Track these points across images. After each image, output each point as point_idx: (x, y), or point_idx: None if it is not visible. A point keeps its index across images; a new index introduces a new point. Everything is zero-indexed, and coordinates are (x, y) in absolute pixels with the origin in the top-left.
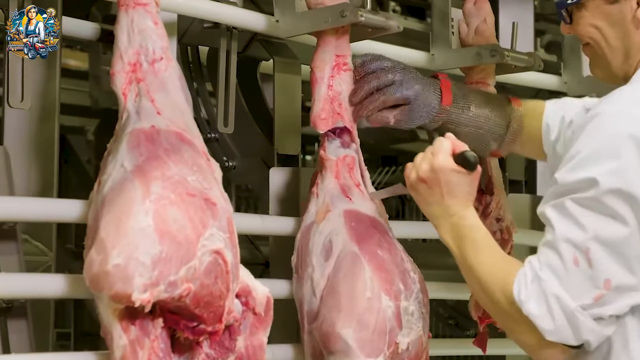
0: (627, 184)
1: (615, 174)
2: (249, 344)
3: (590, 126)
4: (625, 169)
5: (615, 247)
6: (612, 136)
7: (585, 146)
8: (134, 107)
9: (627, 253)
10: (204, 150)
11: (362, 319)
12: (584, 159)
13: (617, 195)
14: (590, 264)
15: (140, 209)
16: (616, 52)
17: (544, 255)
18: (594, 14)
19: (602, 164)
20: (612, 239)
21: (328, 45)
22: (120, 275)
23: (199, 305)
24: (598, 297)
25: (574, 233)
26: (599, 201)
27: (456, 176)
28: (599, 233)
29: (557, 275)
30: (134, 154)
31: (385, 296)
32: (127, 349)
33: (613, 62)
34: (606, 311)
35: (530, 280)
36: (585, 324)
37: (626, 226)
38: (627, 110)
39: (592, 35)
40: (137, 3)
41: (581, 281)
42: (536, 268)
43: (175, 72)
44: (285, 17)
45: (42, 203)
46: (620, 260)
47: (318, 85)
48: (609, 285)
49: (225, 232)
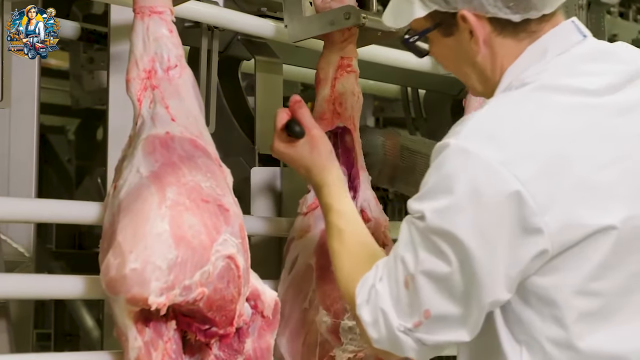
0: (451, 224)
1: (442, 213)
2: (257, 346)
3: (437, 160)
4: (451, 209)
5: (438, 281)
6: (448, 175)
7: (428, 178)
8: (148, 114)
9: (450, 289)
10: (216, 156)
11: (293, 329)
12: (425, 192)
13: (440, 234)
14: (415, 291)
15: (157, 214)
16: (472, 78)
17: (386, 265)
18: (440, 48)
19: (433, 200)
20: (435, 273)
21: (333, 47)
22: (137, 279)
23: (211, 308)
24: (417, 324)
25: (408, 257)
26: (426, 236)
27: (292, 149)
28: (425, 266)
29: (390, 291)
30: (150, 160)
31: (324, 311)
32: (142, 350)
33: (475, 87)
34: (425, 339)
35: (369, 287)
36: (407, 343)
37: (449, 265)
38: (466, 148)
39: (447, 66)
40: (152, 11)
41: (407, 304)
42: (377, 277)
43: (189, 80)
44: (293, 22)
45: (22, 203)
46: (443, 294)
47: (321, 87)
48: (428, 315)
49: (237, 238)
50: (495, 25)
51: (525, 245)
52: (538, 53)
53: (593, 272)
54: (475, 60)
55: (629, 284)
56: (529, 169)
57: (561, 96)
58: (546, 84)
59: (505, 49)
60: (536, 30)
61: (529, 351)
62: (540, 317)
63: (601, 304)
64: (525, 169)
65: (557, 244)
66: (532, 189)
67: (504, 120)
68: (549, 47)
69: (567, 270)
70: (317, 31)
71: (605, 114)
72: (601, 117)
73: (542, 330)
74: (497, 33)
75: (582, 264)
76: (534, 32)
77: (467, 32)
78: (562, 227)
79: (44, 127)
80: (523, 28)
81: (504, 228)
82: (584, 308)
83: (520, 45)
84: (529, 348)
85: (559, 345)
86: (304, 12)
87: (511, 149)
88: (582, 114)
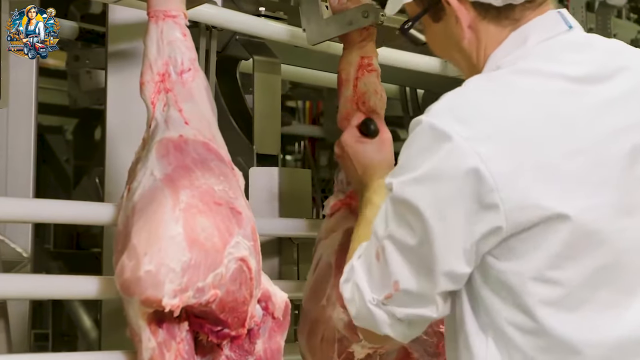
0: (413, 195)
1: (406, 185)
2: (267, 347)
3: (410, 136)
4: (415, 181)
5: (404, 251)
6: (416, 150)
7: (401, 154)
8: (162, 117)
9: (416, 261)
10: (229, 159)
11: (312, 326)
12: (397, 167)
13: (405, 205)
14: (385, 262)
15: (171, 217)
16: (462, 63)
17: (366, 244)
18: (431, 35)
19: (401, 175)
20: (402, 243)
21: (353, 47)
22: (151, 281)
23: (224, 310)
24: (388, 296)
25: (380, 227)
26: (394, 207)
27: (361, 146)
28: (393, 235)
29: (364, 266)
30: (163, 163)
31: (340, 308)
32: (156, 351)
33: (466, 72)
34: (396, 312)
35: (350, 266)
36: (381, 317)
37: (414, 236)
38: (434, 125)
39: (439, 53)
40: (166, 15)
41: (379, 277)
42: (357, 255)
43: (202, 83)
44: (311, 25)
45: (20, 203)
46: (410, 266)
47: (344, 87)
48: (397, 287)
49: (249, 240)
50: (479, 9)
51: (481, 221)
52: (519, 40)
53: (551, 260)
54: (461, 45)
55: (594, 279)
56: (491, 147)
57: (536, 79)
58: (522, 68)
59: (489, 34)
60: (519, 18)
61: (494, 338)
62: (503, 302)
63: (563, 293)
64: (488, 147)
65: (512, 223)
66: (492, 167)
67: (475, 100)
68: (530, 34)
69: (524, 255)
70: (336, 32)
71: (580, 103)
72: (575, 105)
73: (506, 316)
74: (482, 18)
75: (538, 250)
76: (517, 19)
77: (454, 17)
78: (518, 207)
79: (42, 127)
80: (506, 15)
81: (461, 202)
82: (543, 295)
83: (503, 32)
84: (495, 335)
85: (522, 330)
86: (321, 15)
87: (477, 127)
88: (555, 99)
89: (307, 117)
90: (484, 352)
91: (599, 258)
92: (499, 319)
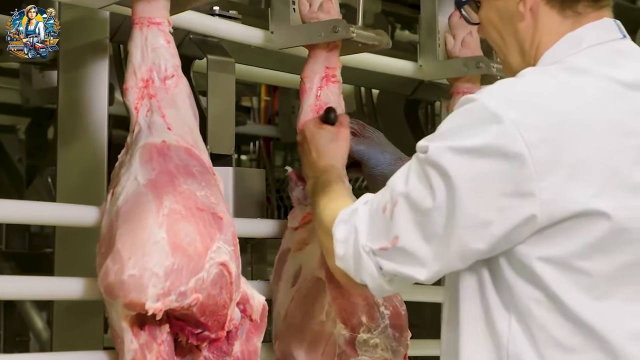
0: (450, 162)
1: (444, 151)
2: (245, 348)
3: (460, 109)
4: (454, 150)
5: (417, 212)
6: (461, 123)
7: (443, 123)
8: (145, 122)
9: (426, 225)
10: (210, 165)
11: (311, 342)
12: (436, 133)
13: (436, 168)
14: (392, 216)
15: (155, 222)
16: (511, 49)
17: (375, 195)
18: (487, 12)
19: (440, 140)
20: (417, 204)
21: (319, 57)
22: (135, 285)
23: (204, 313)
24: (383, 248)
25: (398, 183)
26: (422, 167)
27: (319, 130)
28: (411, 193)
29: (369, 213)
30: (147, 168)
31: (341, 324)
32: (138, 352)
33: (511, 60)
34: (384, 266)
35: (352, 209)
36: (367, 265)
37: (433, 200)
38: (486, 105)
39: (490, 33)
40: (151, 22)
41: (380, 228)
42: (362, 201)
43: (185, 90)
44: (280, 29)
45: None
46: (417, 227)
47: (307, 95)
48: (395, 243)
49: (230, 245)
50: None
51: (515, 207)
52: (575, 42)
53: (582, 251)
54: (517, 27)
55: (622, 272)
56: (538, 136)
57: (587, 78)
58: (575, 67)
59: (548, 22)
60: (582, 12)
61: (517, 318)
62: (529, 285)
63: (591, 282)
64: (535, 136)
65: (547, 214)
66: (536, 155)
67: (529, 90)
68: (585, 36)
69: (553, 244)
70: (305, 41)
71: (628, 107)
72: (623, 108)
73: (530, 297)
74: (546, 2)
75: (570, 241)
76: (579, 13)
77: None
78: (555, 198)
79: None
80: (570, 4)
81: (499, 182)
82: (570, 282)
83: (562, 24)
84: (517, 314)
85: (547, 310)
86: (291, 21)
87: (527, 115)
88: (604, 100)
89: (262, 117)
90: (506, 330)
91: (630, 254)
92: (523, 299)
